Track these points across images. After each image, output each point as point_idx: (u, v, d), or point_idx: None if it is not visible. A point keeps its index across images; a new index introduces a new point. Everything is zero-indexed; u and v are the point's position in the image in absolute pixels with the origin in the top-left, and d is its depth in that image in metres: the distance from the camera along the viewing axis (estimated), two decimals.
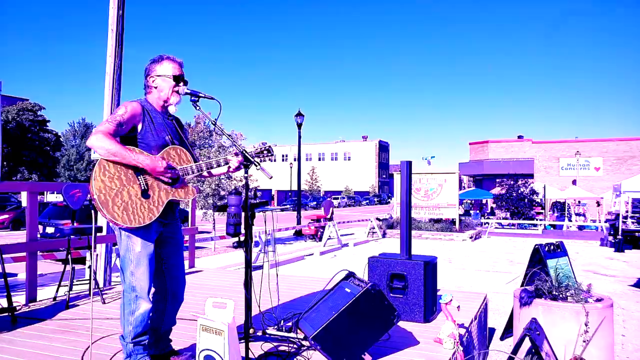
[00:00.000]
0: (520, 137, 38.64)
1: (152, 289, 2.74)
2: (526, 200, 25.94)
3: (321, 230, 16.54)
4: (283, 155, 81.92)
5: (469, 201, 32.70)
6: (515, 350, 3.30)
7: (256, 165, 2.68)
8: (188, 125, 22.46)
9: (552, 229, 23.10)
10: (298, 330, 3.23)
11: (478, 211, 28.68)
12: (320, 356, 2.97)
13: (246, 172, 2.74)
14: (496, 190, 29.42)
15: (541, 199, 27.61)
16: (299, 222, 19.52)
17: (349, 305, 2.86)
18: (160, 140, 2.68)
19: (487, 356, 4.66)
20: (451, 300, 3.33)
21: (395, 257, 4.11)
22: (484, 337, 4.72)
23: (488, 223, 21.85)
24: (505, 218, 25.83)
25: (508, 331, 5.05)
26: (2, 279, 4.05)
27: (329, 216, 17.88)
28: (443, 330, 3.25)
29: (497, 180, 31.04)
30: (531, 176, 34.21)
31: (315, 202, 54.58)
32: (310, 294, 4.80)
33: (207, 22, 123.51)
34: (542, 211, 27.71)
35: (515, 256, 12.79)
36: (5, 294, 4.01)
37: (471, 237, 17.20)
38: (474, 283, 8.88)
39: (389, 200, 65.65)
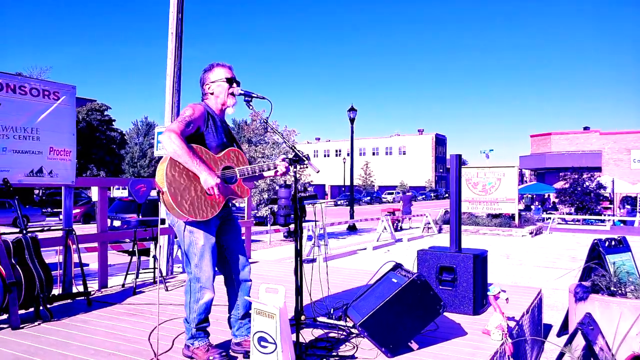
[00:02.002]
0: (586, 128, 36.65)
1: (221, 277, 2.96)
2: (592, 194, 24.64)
3: (397, 221, 18.49)
4: (336, 150, 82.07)
5: (529, 196, 31.47)
6: (566, 344, 3.25)
7: (304, 161, 2.82)
8: (245, 122, 23.01)
9: (622, 224, 21.79)
10: (347, 319, 3.35)
11: (539, 206, 27.58)
12: (368, 344, 3.08)
13: (295, 167, 2.88)
14: (559, 185, 28.11)
15: (609, 194, 26.11)
16: (352, 217, 19.61)
17: (395, 295, 2.95)
18: (219, 141, 2.89)
19: (542, 351, 4.58)
20: (499, 292, 3.33)
21: (445, 250, 4.13)
22: (538, 332, 4.64)
23: (550, 218, 20.94)
24: (569, 213, 24.67)
25: (565, 328, 4.92)
26: (79, 267, 4.45)
27: (401, 209, 19.03)
28: (491, 322, 3.26)
29: (561, 173, 29.63)
30: (598, 169, 32.39)
31: (369, 197, 54.31)
32: (361, 285, 4.89)
33: (259, 19, 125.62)
34: (611, 206, 26.23)
35: (578, 253, 12.26)
36: (82, 280, 4.40)
37: (531, 233, 16.60)
38: (532, 279, 8.64)
39: (446, 195, 64.18)
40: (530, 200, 30.92)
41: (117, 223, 13.04)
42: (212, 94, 2.94)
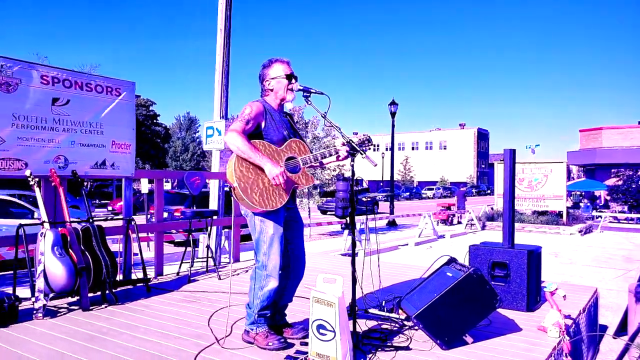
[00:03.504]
0: None
1: None
2: None
3: (452, 216, 19.42)
4: (375, 145, 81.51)
5: (578, 193, 30.38)
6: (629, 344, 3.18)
7: (362, 154, 2.88)
8: None
9: None
10: (400, 311, 3.39)
11: (589, 203, 26.58)
12: (421, 336, 3.11)
13: (352, 161, 2.94)
14: (611, 181, 26.99)
15: None
16: (391, 212, 19.50)
17: (451, 288, 2.97)
18: (280, 135, 2.99)
19: (598, 352, 4.47)
20: (556, 289, 3.29)
21: (497, 245, 4.10)
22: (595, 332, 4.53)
23: (601, 216, 20.15)
24: (622, 212, 23.64)
25: (623, 329, 4.78)
26: (138, 255, 4.66)
27: (456, 204, 19.62)
28: (548, 319, 3.23)
29: (613, 170, 28.40)
30: None
31: (408, 193, 53.69)
32: (408, 280, 4.92)
33: (302, 14, 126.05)
34: None
35: (633, 253, 11.79)
36: (141, 267, 4.62)
37: (580, 231, 16.06)
38: (583, 278, 8.39)
39: (488, 191, 62.76)
40: (579, 198, 29.82)
41: (164, 215, 13.45)
42: (271, 90, 3.04)
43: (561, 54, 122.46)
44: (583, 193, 30.47)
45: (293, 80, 3.03)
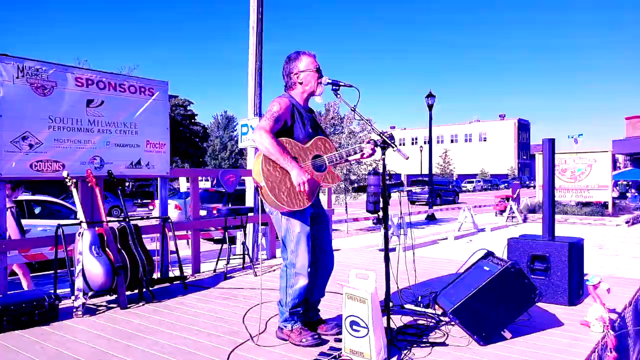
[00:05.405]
0: None
1: None
2: None
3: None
4: (413, 139, 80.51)
5: (625, 183, 29.09)
6: None
7: (393, 147, 2.81)
8: (319, 113, 23.15)
9: None
10: (436, 306, 3.32)
11: (637, 193, 25.40)
12: (458, 332, 3.03)
13: (383, 154, 2.88)
14: None
15: None
16: (431, 207, 19.22)
17: (488, 283, 2.88)
18: (306, 132, 2.95)
19: None
20: (600, 282, 3.14)
21: (537, 238, 3.96)
22: None
23: None
24: None
25: None
26: (175, 253, 4.74)
27: (515, 196, 19.00)
28: (591, 313, 3.08)
29: None
30: None
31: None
32: (446, 275, 4.81)
33: (335, 6, 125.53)
34: None
35: None
36: (177, 265, 4.70)
37: (627, 222, 15.35)
38: (630, 271, 7.99)
39: (531, 184, 60.94)
40: (626, 188, 28.55)
41: (202, 212, 13.70)
42: (300, 83, 2.98)
43: (604, 40, 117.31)
44: (630, 183, 29.17)
45: (322, 74, 2.99)
